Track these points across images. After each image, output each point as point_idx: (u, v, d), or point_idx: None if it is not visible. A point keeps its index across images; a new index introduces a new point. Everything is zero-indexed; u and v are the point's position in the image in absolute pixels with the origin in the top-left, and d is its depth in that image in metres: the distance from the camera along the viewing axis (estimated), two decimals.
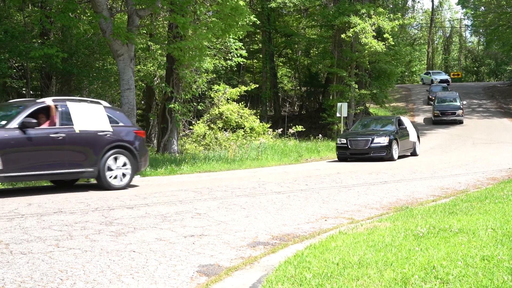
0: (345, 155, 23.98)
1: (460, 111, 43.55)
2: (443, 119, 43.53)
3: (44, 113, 13.02)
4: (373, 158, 23.32)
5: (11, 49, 22.64)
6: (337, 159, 24.66)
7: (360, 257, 6.29)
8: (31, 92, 27.15)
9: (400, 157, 24.55)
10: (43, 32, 25.24)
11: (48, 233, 8.11)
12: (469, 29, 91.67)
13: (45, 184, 15.43)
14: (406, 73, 79.98)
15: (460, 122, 43.49)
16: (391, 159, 23.26)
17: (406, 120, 26.49)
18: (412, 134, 25.79)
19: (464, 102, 47.86)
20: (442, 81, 64.49)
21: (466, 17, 79.04)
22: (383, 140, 23.36)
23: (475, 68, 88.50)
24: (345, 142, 23.90)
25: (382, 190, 13.67)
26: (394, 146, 23.54)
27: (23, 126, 12.26)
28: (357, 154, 23.73)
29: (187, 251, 7.20)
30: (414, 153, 26.13)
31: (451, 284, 5.16)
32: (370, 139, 23.50)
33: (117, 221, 9.15)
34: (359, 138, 23.91)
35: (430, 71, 72.91)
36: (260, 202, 11.47)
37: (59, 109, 13.13)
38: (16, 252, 6.96)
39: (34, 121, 12.47)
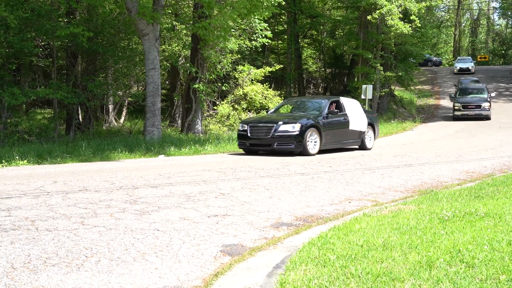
0: (244, 145, 18.57)
1: (486, 104, 37.01)
2: (464, 113, 37.04)
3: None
4: (277, 151, 17.88)
5: (37, 28, 22.73)
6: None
7: (385, 239, 6.25)
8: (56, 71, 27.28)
9: (332, 150, 19.62)
10: (69, 11, 25.27)
11: (73, 210, 8.17)
12: (497, 11, 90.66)
13: (70, 163, 15.55)
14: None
15: (487, 118, 36.79)
16: (304, 153, 17.69)
17: (349, 104, 20.64)
18: (356, 122, 20.10)
19: (493, 94, 41.29)
20: (461, 70, 60.75)
21: None
22: (291, 128, 17.65)
23: (503, 51, 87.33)
24: (246, 129, 18.41)
25: (407, 173, 13.58)
26: (312, 137, 17.93)
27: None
28: (257, 145, 18.21)
29: (211, 230, 7.21)
30: (363, 146, 20.63)
31: (477, 268, 5.11)
32: (274, 126, 17.80)
33: (141, 199, 9.19)
34: (260, 125, 18.19)
35: (458, 57, 69.39)
36: (284, 183, 11.45)
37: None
38: (41, 229, 7.01)
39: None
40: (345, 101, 20.71)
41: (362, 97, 31.83)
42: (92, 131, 25.92)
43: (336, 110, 19.57)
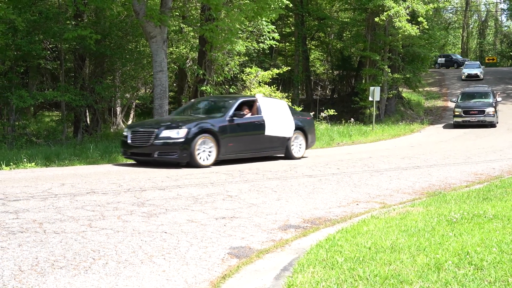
0: (126, 154, 15.66)
1: (490, 110, 32.54)
2: (466, 120, 32.66)
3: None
4: (159, 161, 14.87)
5: (45, 30, 22.79)
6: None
7: (393, 241, 6.23)
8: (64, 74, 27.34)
9: (247, 160, 16.48)
10: (77, 14, 25.33)
11: (81, 213, 8.18)
12: (505, 13, 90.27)
13: (78, 165, 15.57)
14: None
15: (492, 125, 32.49)
16: (192, 164, 14.63)
17: (269, 105, 17.30)
18: (277, 127, 16.88)
19: (499, 99, 36.89)
20: (469, 76, 56.45)
21: (502, 0, 77.90)
22: (175, 134, 14.63)
23: (511, 53, 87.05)
24: (127, 134, 15.54)
25: (415, 175, 13.54)
26: (205, 145, 14.87)
27: None
28: (138, 154, 15.35)
29: (218, 233, 7.21)
30: (288, 155, 17.35)
31: (486, 271, 5.08)
32: (155, 131, 14.87)
33: (149, 202, 9.20)
34: (141, 130, 15.41)
35: (466, 61, 66.41)
36: (292, 185, 11.44)
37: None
38: (49, 232, 7.02)
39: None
40: (264, 101, 17.29)
41: (370, 99, 31.83)
42: (100, 133, 25.96)
43: (243, 113, 16.26)
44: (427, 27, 37.51)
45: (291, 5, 30.25)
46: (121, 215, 8.06)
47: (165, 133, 14.66)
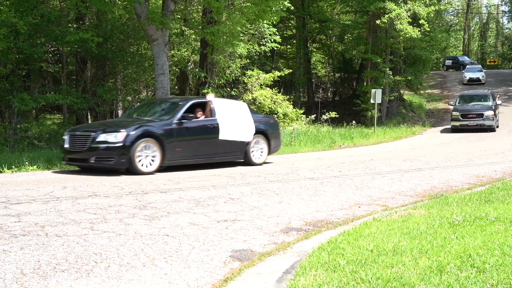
0: (65, 159, 14.59)
1: (489, 113, 30.65)
2: (464, 124, 30.95)
3: None
4: (96, 168, 13.94)
5: (47, 33, 22.84)
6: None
7: (395, 244, 6.23)
8: (66, 77, 27.37)
9: (198, 167, 15.38)
10: (78, 17, 25.41)
11: (83, 216, 8.18)
12: (507, 15, 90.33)
13: (78, 168, 15.58)
14: (442, 60, 78.87)
15: (491, 129, 30.81)
16: (132, 170, 13.61)
17: (226, 107, 16.19)
18: (233, 130, 15.76)
19: (500, 102, 35.62)
20: (471, 80, 53.39)
21: (503, 2, 77.89)
22: (113, 138, 13.57)
23: None
24: (65, 138, 14.55)
25: (416, 177, 13.54)
26: (148, 150, 13.77)
27: None
28: (75, 160, 14.24)
29: (220, 236, 7.21)
30: (248, 161, 16.31)
31: (488, 273, 5.08)
32: (92, 135, 13.82)
33: (150, 205, 9.20)
34: (78, 134, 14.32)
35: (467, 66, 61.36)
36: (293, 188, 11.44)
37: None
38: (51, 235, 7.02)
39: None
40: (219, 103, 16.08)
41: (371, 101, 31.80)
42: None
43: (193, 115, 15.14)
44: (429, 29, 37.52)
45: (292, 7, 30.19)
46: (123, 218, 8.06)
47: (102, 137, 13.62)
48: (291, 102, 33.54)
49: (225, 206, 9.26)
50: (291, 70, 39.10)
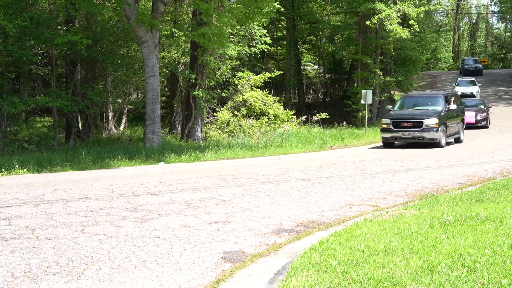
0: None
1: (432, 121, 22.63)
2: (395, 136, 23.56)
3: None
4: None
5: (36, 36, 22.73)
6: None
7: (386, 244, 6.24)
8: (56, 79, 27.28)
9: None
10: (68, 19, 25.31)
11: (74, 218, 8.15)
12: (496, 15, 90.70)
13: (70, 171, 15.53)
14: (432, 60, 79.09)
15: (435, 145, 22.93)
16: None
17: None
18: None
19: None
20: (464, 96, 44.50)
21: (492, 3, 78.15)
22: None
23: (502, 55, 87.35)
24: None
25: (407, 177, 13.56)
26: None
27: None
28: None
29: (212, 237, 7.20)
30: None
31: (479, 272, 5.09)
32: None
33: (141, 207, 9.18)
34: None
35: (459, 78, 52.59)
36: (285, 189, 11.44)
37: None
38: (42, 238, 7.00)
39: None
40: None
41: (362, 102, 31.85)
42: (92, 139, 25.92)
43: None
44: (418, 30, 37.62)
45: (282, 9, 30.30)
46: (114, 221, 8.04)
47: None
48: (282, 104, 33.57)
49: (216, 207, 9.25)
50: (281, 72, 39.15)
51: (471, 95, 44.94)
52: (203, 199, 10.10)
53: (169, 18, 28.65)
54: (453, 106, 24.53)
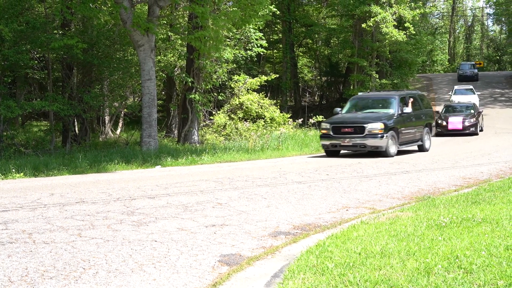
0: None
1: (376, 126, 19.52)
2: (335, 143, 20.38)
3: None
4: None
5: (32, 40, 22.72)
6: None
7: (382, 246, 6.25)
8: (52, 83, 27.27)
9: None
10: (64, 23, 25.31)
11: (71, 222, 8.15)
12: (491, 17, 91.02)
13: (67, 175, 15.52)
14: (427, 63, 79.27)
15: (382, 154, 19.88)
16: None
17: None
18: None
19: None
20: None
21: (488, 5, 78.44)
22: None
23: (497, 57, 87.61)
24: None
25: (404, 180, 13.58)
26: None
27: None
28: None
29: (209, 240, 7.20)
30: None
31: (475, 274, 5.11)
32: None
33: (138, 211, 9.18)
34: None
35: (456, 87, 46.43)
36: (281, 192, 11.44)
37: None
38: (39, 242, 7.00)
39: None
40: None
41: None
42: (89, 142, 25.89)
43: None
44: (414, 32, 37.76)
45: (278, 12, 30.35)
46: (111, 224, 8.05)
47: None
48: (278, 107, 33.60)
49: (213, 211, 9.25)
50: (277, 75, 39.20)
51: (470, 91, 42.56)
52: (200, 202, 10.11)
53: (165, 22, 28.69)
54: (408, 109, 21.32)
